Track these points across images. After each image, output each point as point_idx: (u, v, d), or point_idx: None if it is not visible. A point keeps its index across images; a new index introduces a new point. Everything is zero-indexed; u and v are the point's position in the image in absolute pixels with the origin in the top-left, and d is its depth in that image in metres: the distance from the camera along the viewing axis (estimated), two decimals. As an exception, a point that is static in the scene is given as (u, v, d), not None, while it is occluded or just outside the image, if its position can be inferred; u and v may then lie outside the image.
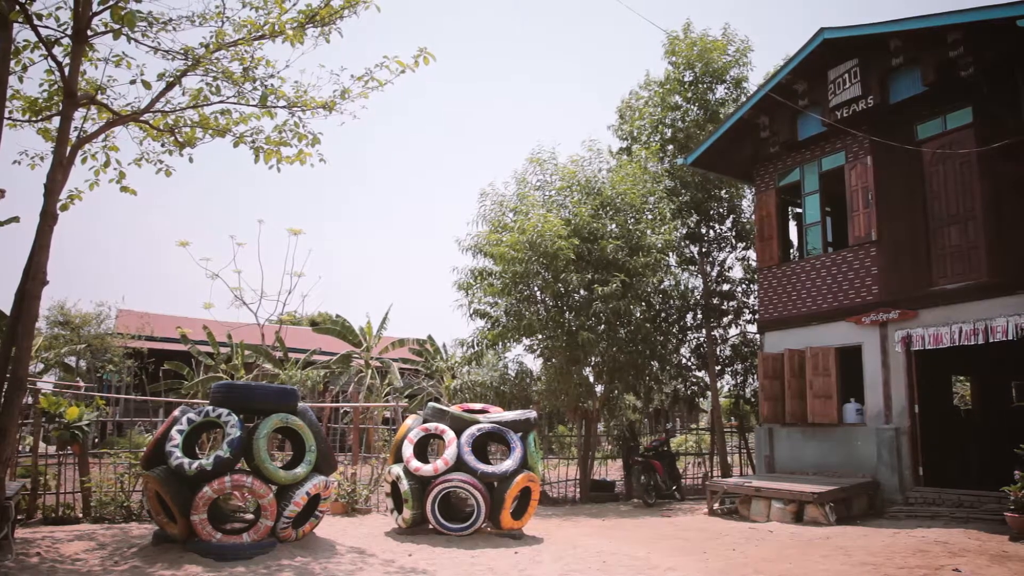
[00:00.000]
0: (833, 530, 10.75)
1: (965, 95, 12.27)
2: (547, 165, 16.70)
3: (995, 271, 11.70)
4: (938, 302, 12.36)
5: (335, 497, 11.71)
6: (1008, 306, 11.42)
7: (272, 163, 9.58)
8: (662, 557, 8.76)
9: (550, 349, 15.82)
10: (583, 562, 8.35)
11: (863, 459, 12.98)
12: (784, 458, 14.45)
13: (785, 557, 8.73)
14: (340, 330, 23.47)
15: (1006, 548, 8.89)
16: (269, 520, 8.01)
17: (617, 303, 14.61)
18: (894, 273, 13.14)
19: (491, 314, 16.12)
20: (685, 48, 18.87)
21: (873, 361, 13.21)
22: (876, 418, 13.01)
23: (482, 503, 9.51)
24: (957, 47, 11.92)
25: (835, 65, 13.91)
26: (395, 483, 9.99)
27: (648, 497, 14.81)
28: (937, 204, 12.70)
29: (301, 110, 9.50)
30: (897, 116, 13.20)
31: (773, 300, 15.30)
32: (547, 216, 14.89)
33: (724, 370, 19.42)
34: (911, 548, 9.02)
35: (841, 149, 14.30)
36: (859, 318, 13.42)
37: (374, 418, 19.48)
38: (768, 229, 15.61)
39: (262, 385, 9.28)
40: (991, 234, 11.84)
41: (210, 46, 8.84)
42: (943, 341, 12.20)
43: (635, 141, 19.43)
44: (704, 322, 18.69)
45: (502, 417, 10.63)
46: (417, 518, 9.74)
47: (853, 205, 13.91)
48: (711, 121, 18.39)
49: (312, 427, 8.92)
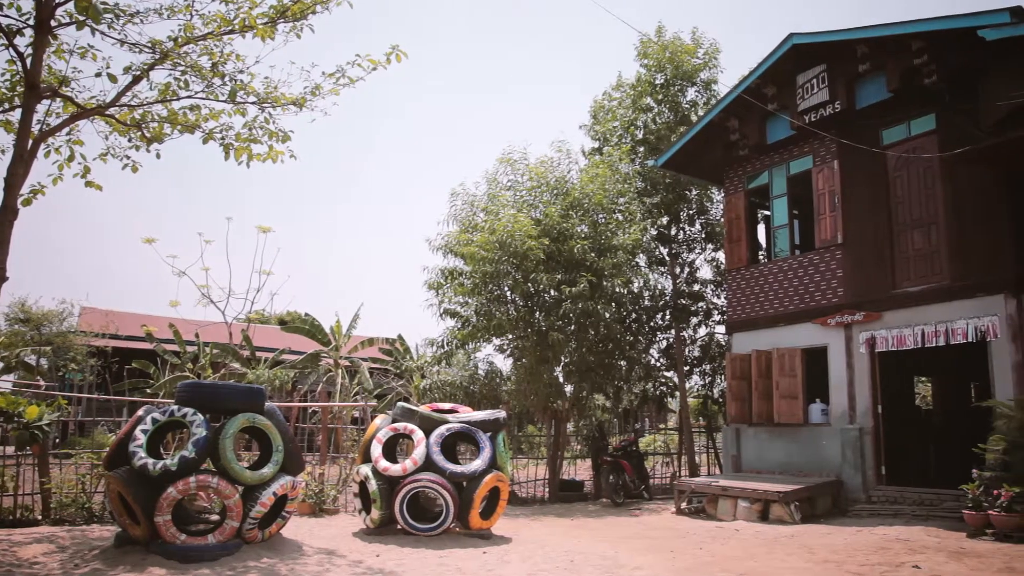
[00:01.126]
0: (798, 528, 10.90)
1: (928, 102, 12.51)
2: (518, 165, 16.70)
3: (956, 274, 11.94)
4: (901, 304, 12.58)
5: (303, 497, 11.60)
6: (968, 309, 11.67)
7: (242, 160, 9.47)
8: (630, 556, 8.81)
9: (520, 349, 15.84)
10: (551, 562, 8.36)
11: (828, 459, 13.17)
12: (751, 458, 14.61)
13: (750, 555, 8.83)
14: (309, 329, 23.27)
15: (963, 545, 9.08)
16: (235, 521, 7.92)
17: (586, 303, 14.67)
18: (859, 275, 13.35)
19: (461, 314, 16.09)
20: (657, 51, 19.02)
21: (838, 362, 13.41)
22: (841, 418, 13.20)
23: (451, 503, 9.49)
24: (921, 55, 12.15)
25: (804, 70, 14.10)
26: (363, 483, 9.92)
27: (616, 496, 14.88)
28: (901, 208, 12.94)
29: (272, 106, 9.40)
30: (863, 121, 13.42)
31: (741, 301, 15.46)
32: (517, 216, 14.91)
33: (693, 370, 19.60)
34: (873, 546, 9.18)
35: (809, 153, 14.50)
36: (825, 319, 13.62)
37: (343, 418, 19.36)
38: (737, 231, 15.78)
39: (229, 384, 9.17)
40: (952, 238, 12.08)
41: (178, 40, 8.71)
42: (906, 343, 12.42)
43: (607, 142, 19.54)
44: (673, 323, 18.83)
45: (471, 417, 10.61)
46: (385, 518, 9.69)
47: (820, 208, 14.11)
48: (682, 123, 18.55)
49: (280, 427, 8.83)
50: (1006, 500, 9.38)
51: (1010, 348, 11.12)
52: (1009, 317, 11.18)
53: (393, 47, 9.09)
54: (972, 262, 11.79)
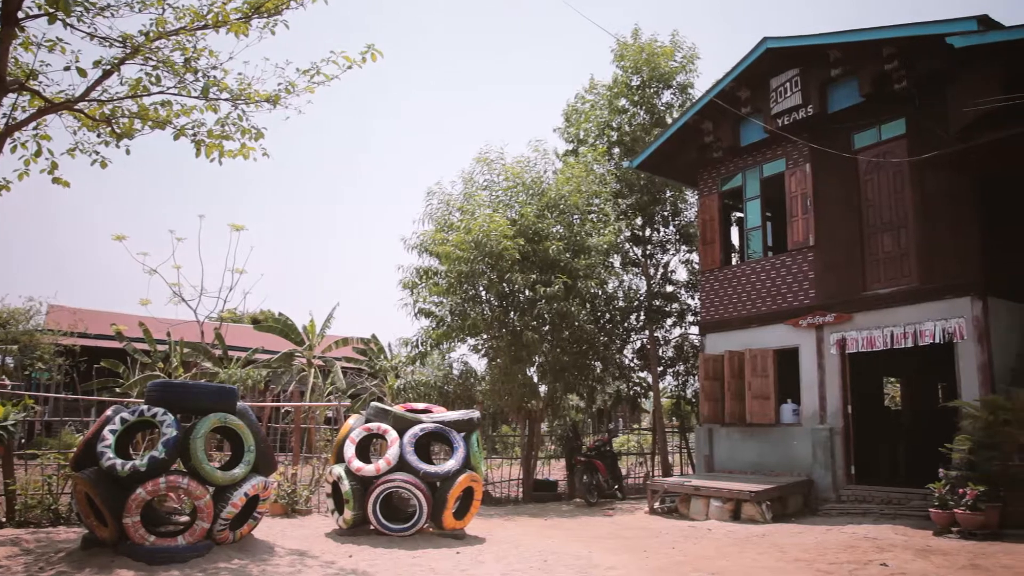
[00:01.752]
0: (769, 528, 11.01)
1: (899, 107, 12.69)
2: (494, 165, 16.71)
3: (924, 277, 12.13)
4: (871, 306, 12.75)
5: (275, 498, 11.49)
6: (936, 311, 11.86)
7: (214, 157, 9.36)
8: (603, 556, 8.84)
9: (494, 349, 15.83)
10: (525, 561, 8.37)
11: (799, 458, 13.31)
12: (723, 458, 14.73)
13: (722, 554, 8.90)
14: (282, 328, 23.10)
15: (930, 543, 9.23)
16: (205, 522, 7.83)
17: (561, 304, 14.71)
18: (830, 277, 13.51)
19: (436, 313, 16.07)
20: (633, 53, 19.12)
21: (809, 363, 13.56)
22: (811, 418, 13.35)
23: (424, 503, 9.46)
24: (892, 61, 12.33)
25: (777, 74, 14.24)
26: (336, 483, 9.86)
27: (590, 496, 14.93)
28: (872, 211, 13.11)
29: (245, 103, 9.29)
30: (835, 125, 13.58)
31: (714, 302, 15.59)
32: (493, 216, 14.90)
33: (666, 371, 19.72)
34: (842, 544, 9.29)
35: (782, 156, 14.65)
36: (797, 321, 13.76)
37: (316, 418, 19.23)
38: (710, 233, 15.90)
39: (200, 384, 9.06)
40: (921, 241, 12.27)
41: (150, 34, 8.58)
42: (876, 344, 12.59)
43: (581, 143, 19.60)
44: (647, 323, 18.94)
45: (445, 417, 10.59)
46: (358, 519, 9.64)
47: (792, 210, 14.26)
48: (657, 125, 18.66)
49: (252, 427, 8.74)
50: (971, 499, 9.54)
51: (976, 349, 11.32)
52: (975, 319, 11.38)
53: (368, 46, 9.04)
54: (940, 265, 11.98)
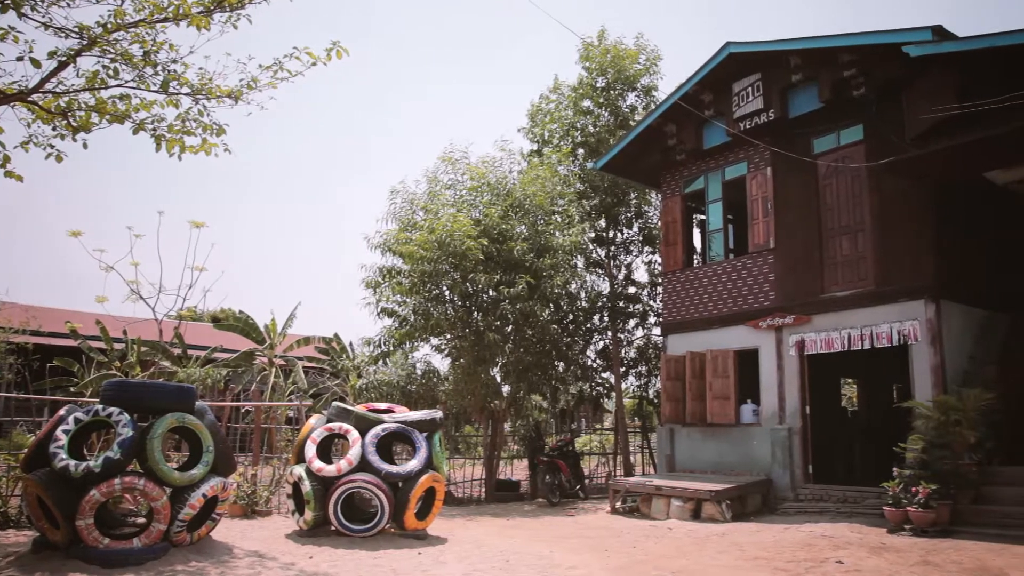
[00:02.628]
0: (729, 526, 11.14)
1: (857, 113, 12.94)
2: (459, 164, 16.68)
3: (881, 280, 12.38)
4: (829, 308, 12.98)
5: (234, 499, 11.35)
6: (892, 313, 12.11)
7: (174, 152, 9.20)
8: (565, 555, 8.88)
9: (458, 349, 15.81)
10: (487, 561, 8.37)
11: (758, 458, 13.49)
12: (684, 457, 14.87)
13: (683, 553, 8.99)
14: (243, 327, 22.79)
15: (884, 540, 9.43)
16: (162, 524, 7.70)
17: (524, 304, 14.73)
18: (790, 280, 13.72)
19: (399, 313, 15.99)
20: (599, 55, 19.23)
21: (769, 364, 13.75)
22: (771, 419, 13.55)
23: (386, 504, 9.42)
24: (850, 68, 12.57)
25: (739, 78, 14.42)
26: (297, 484, 9.77)
27: (553, 496, 14.98)
28: (830, 215, 13.35)
29: (206, 98, 9.14)
30: (796, 130, 13.80)
31: (676, 304, 15.73)
32: (457, 216, 14.88)
33: (629, 371, 19.85)
34: (799, 542, 9.45)
35: (744, 159, 14.84)
36: (757, 322, 13.95)
37: (277, 417, 19.01)
38: (673, 234, 16.04)
39: (157, 383, 8.91)
40: (877, 245, 12.52)
41: (108, 26, 8.39)
42: (834, 346, 12.82)
43: (545, 144, 19.67)
44: (610, 324, 19.05)
45: (407, 417, 10.56)
46: (319, 519, 9.56)
47: (753, 213, 14.45)
48: (622, 127, 18.78)
49: (210, 427, 8.62)
50: (923, 497, 9.77)
51: (929, 351, 11.59)
52: (929, 322, 11.64)
53: (334, 43, 8.95)
54: (896, 268, 12.24)
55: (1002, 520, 9.66)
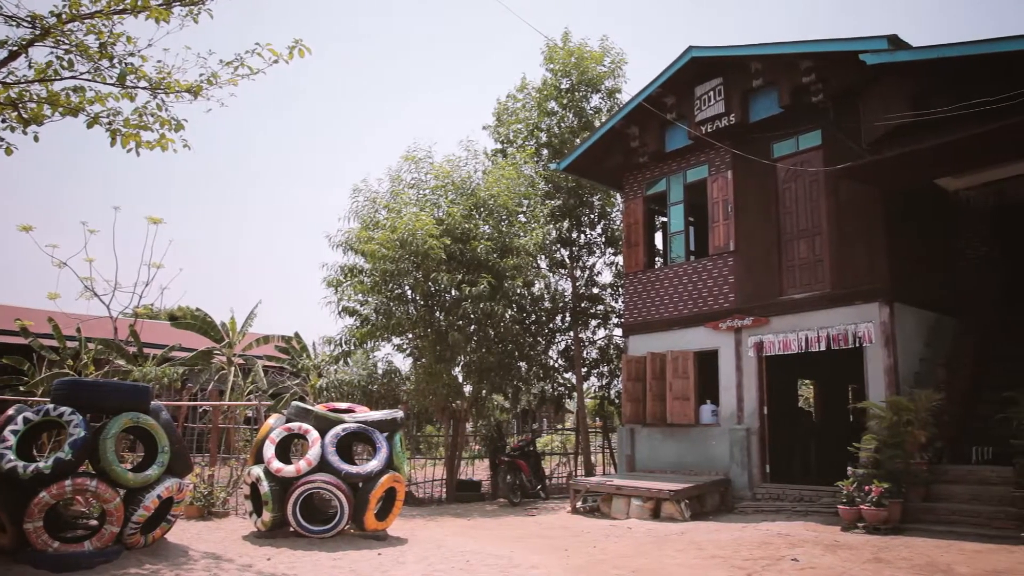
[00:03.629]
0: (688, 525, 11.27)
1: (816, 119, 13.17)
2: (423, 163, 16.62)
3: (836, 283, 12.62)
4: (787, 310, 13.19)
5: (190, 500, 11.18)
6: (847, 316, 12.35)
7: (130, 147, 9.01)
8: (525, 555, 8.90)
9: (420, 348, 15.75)
10: (447, 562, 8.36)
11: (717, 458, 13.66)
12: (644, 457, 15.00)
13: (642, 552, 9.07)
14: (201, 325, 22.43)
15: (838, 538, 9.61)
16: (115, 526, 7.55)
17: (487, 304, 14.72)
18: (749, 282, 13.91)
19: (361, 312, 15.88)
20: (563, 56, 19.31)
21: (728, 365, 13.93)
22: (729, 419, 13.72)
23: (346, 504, 9.35)
24: (809, 74, 12.79)
25: (702, 82, 14.58)
26: (255, 485, 9.65)
27: (513, 496, 15.00)
28: (789, 218, 13.57)
29: (164, 93, 8.96)
30: (756, 134, 14.00)
31: (638, 305, 15.85)
32: (420, 215, 14.82)
33: (590, 372, 19.95)
34: (756, 541, 9.59)
35: (705, 162, 15.01)
36: (716, 324, 14.12)
37: (235, 417, 18.74)
38: (635, 236, 16.17)
39: (111, 382, 8.75)
40: (834, 249, 12.76)
41: (62, 16, 8.20)
42: (791, 347, 13.03)
43: (510, 144, 19.70)
44: (572, 324, 19.14)
45: (368, 417, 10.50)
46: (277, 521, 9.46)
47: (714, 216, 14.63)
48: (585, 128, 18.88)
49: (166, 427, 8.48)
50: (876, 495, 9.98)
51: (883, 353, 11.84)
52: (882, 324, 11.90)
53: (296, 41, 8.84)
54: (851, 272, 12.48)
55: (950, 517, 9.92)
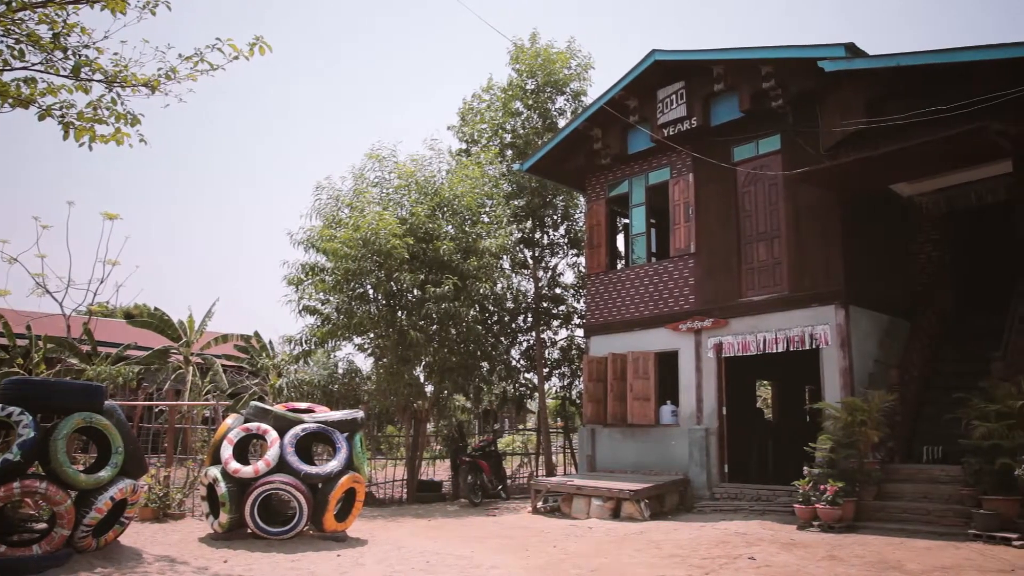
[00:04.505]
0: (647, 525, 11.36)
1: (775, 124, 13.38)
2: (386, 162, 16.52)
3: (794, 286, 12.83)
4: (746, 312, 13.38)
5: (145, 502, 10.98)
6: (804, 318, 12.56)
7: (84, 141, 8.81)
8: (486, 556, 8.90)
9: (381, 348, 15.66)
10: (407, 563, 8.32)
11: (676, 458, 13.79)
12: (605, 457, 15.08)
13: (602, 552, 9.12)
14: (158, 324, 22.07)
15: (794, 537, 9.77)
16: (65, 529, 7.37)
17: (450, 304, 14.69)
18: (709, 284, 14.07)
19: (322, 311, 15.75)
20: (529, 57, 19.35)
21: (688, 366, 14.08)
22: (689, 419, 13.87)
23: (305, 505, 9.25)
24: (769, 80, 12.98)
25: (664, 85, 14.71)
26: (212, 486, 9.50)
27: (474, 497, 14.99)
28: (748, 221, 13.76)
29: (120, 86, 8.79)
30: (717, 138, 14.17)
31: (600, 305, 15.95)
32: (383, 214, 14.74)
33: (552, 372, 20.02)
34: (714, 540, 9.70)
35: (667, 165, 15.15)
36: (677, 325, 14.26)
37: (192, 417, 18.46)
38: (597, 237, 16.26)
39: (62, 381, 8.56)
40: (792, 252, 12.97)
41: (12, 4, 7.99)
42: (750, 349, 13.21)
43: (474, 143, 19.68)
44: (534, 325, 19.18)
45: (328, 417, 10.41)
46: (235, 522, 9.32)
47: (675, 218, 14.78)
48: (549, 129, 18.94)
49: (120, 427, 8.32)
50: (831, 494, 10.17)
51: (838, 355, 12.06)
52: (838, 326, 12.12)
53: (257, 38, 8.72)
54: (808, 275, 12.70)
55: (901, 515, 10.15)
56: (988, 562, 7.86)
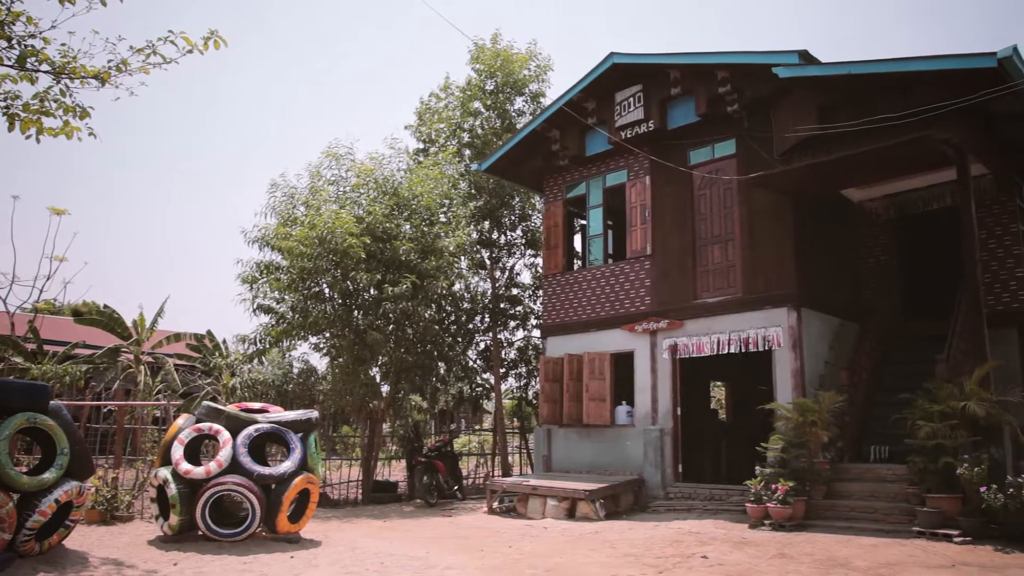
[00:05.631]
0: (602, 525, 11.44)
1: (731, 128, 13.57)
2: (344, 160, 16.37)
3: (748, 288, 13.03)
4: (701, 314, 13.55)
5: (92, 504, 10.73)
6: (757, 320, 12.77)
7: (30, 133, 8.57)
8: (440, 556, 8.87)
9: (337, 348, 15.52)
10: (361, 564, 8.25)
11: (631, 458, 13.91)
12: (561, 458, 15.15)
13: (556, 552, 9.16)
14: (108, 321, 21.55)
15: (746, 535, 9.93)
16: (7, 533, 7.16)
17: (407, 304, 14.62)
18: (665, 285, 14.23)
19: (277, 310, 15.55)
20: (489, 57, 19.33)
21: (644, 367, 14.21)
22: (644, 419, 14.00)
23: (257, 507, 9.12)
24: (725, 84, 13.17)
25: (622, 88, 14.83)
26: (162, 487, 9.31)
27: (430, 497, 14.93)
28: (704, 224, 13.94)
29: (69, 78, 8.56)
30: (674, 141, 14.33)
31: (556, 306, 16.01)
32: (340, 212, 14.61)
33: (509, 373, 20.06)
34: (668, 539, 9.81)
35: (624, 167, 15.28)
36: (633, 326, 14.38)
37: (142, 418, 18.05)
38: (555, 238, 16.33)
39: (5, 380, 8.33)
40: (745, 255, 13.18)
41: (-47, -8, 7.74)
42: (704, 350, 13.39)
43: (432, 143, 19.61)
44: (491, 325, 19.18)
45: (282, 417, 10.29)
46: (185, 524, 9.16)
47: (632, 220, 14.91)
48: (508, 130, 18.95)
49: (66, 427, 8.11)
50: (782, 493, 10.36)
51: (790, 356, 12.29)
52: (790, 328, 12.35)
53: (212, 32, 8.58)
54: (761, 277, 12.91)
55: (849, 514, 10.39)
56: (931, 558, 8.09)
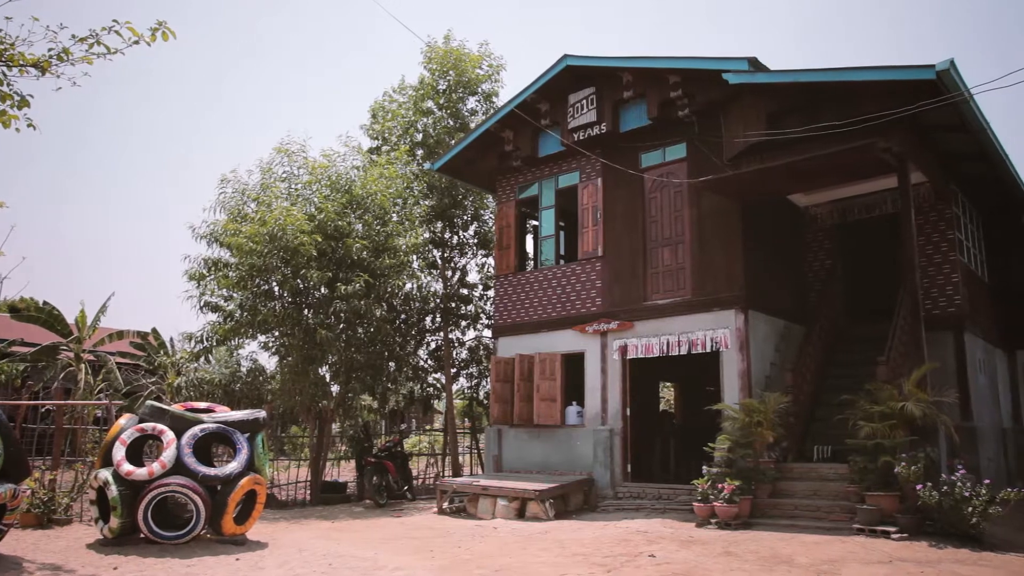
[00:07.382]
0: (552, 524, 11.50)
1: (681, 132, 13.76)
2: (296, 157, 16.16)
3: (697, 290, 13.23)
4: (651, 315, 13.71)
5: (28, 507, 10.39)
6: (706, 322, 12.97)
7: (-36, 122, 8.27)
8: (389, 557, 8.82)
9: (286, 347, 15.31)
10: (308, 566, 8.16)
11: (581, 458, 14.01)
12: (511, 458, 15.18)
13: (506, 552, 9.18)
14: (46, 318, 20.91)
15: (693, 534, 10.09)
16: (-63, 536, 6.91)
17: (358, 303, 14.49)
18: (616, 287, 14.36)
19: (224, 308, 15.27)
20: (441, 56, 19.28)
21: (594, 367, 14.31)
22: (594, 420, 14.11)
23: (202, 508, 8.95)
24: (676, 89, 13.36)
25: (575, 90, 14.92)
26: (102, 489, 9.06)
27: (380, 498, 14.83)
28: (655, 227, 14.11)
29: (6, 66, 8.30)
30: (626, 144, 14.48)
31: (508, 306, 16.04)
32: (291, 209, 14.42)
33: (460, 373, 20.01)
34: (617, 538, 9.91)
35: (576, 169, 15.38)
36: (584, 327, 14.48)
37: (82, 418, 17.57)
38: (507, 239, 16.36)
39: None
40: (695, 257, 13.38)
41: None
42: (653, 351, 13.55)
43: (385, 142, 19.48)
44: (443, 325, 19.13)
45: (228, 417, 10.11)
46: (126, 527, 8.93)
47: (584, 221, 15.02)
48: (461, 130, 18.92)
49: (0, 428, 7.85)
50: (728, 493, 10.54)
51: (737, 357, 12.52)
52: (738, 330, 12.58)
53: (160, 23, 8.38)
54: (710, 280, 13.12)
55: (793, 512, 10.62)
56: (870, 554, 8.33)
